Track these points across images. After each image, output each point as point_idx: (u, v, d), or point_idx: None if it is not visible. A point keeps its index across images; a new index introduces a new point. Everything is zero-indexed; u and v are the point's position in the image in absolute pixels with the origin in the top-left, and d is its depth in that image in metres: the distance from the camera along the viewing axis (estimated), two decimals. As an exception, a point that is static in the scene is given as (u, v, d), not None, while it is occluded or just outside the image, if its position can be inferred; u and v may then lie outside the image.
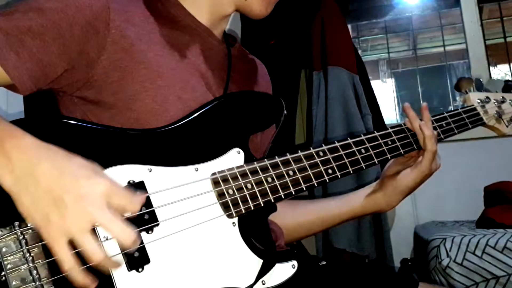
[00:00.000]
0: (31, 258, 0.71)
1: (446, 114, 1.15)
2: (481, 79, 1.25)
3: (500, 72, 3.71)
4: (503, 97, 1.25)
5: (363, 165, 1.01)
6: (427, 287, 1.06)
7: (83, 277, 0.68)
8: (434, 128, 1.10)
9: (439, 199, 2.64)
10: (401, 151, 1.06)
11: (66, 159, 0.71)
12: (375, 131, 1.05)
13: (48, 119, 0.80)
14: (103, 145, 0.82)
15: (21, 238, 0.71)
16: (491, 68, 3.03)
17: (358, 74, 2.46)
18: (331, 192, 2.27)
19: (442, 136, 1.12)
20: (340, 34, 2.50)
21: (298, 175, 0.93)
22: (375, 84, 4.02)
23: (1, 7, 0.86)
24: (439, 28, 3.61)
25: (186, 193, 0.84)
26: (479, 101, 1.22)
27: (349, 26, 2.92)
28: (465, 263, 1.97)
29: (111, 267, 0.73)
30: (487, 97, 1.23)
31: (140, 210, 0.78)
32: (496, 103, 1.24)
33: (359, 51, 3.05)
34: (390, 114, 3.68)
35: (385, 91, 4.10)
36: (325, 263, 1.08)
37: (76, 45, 0.85)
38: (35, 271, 0.71)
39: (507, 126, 1.24)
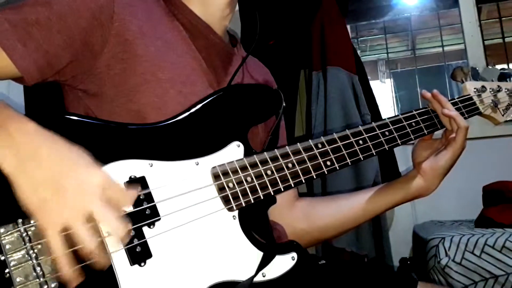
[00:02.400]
0: (34, 254, 0.71)
1: None
2: (477, 68, 1.25)
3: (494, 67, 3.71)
4: (498, 86, 1.25)
5: (361, 156, 1.01)
6: (426, 287, 1.06)
7: (70, 269, 0.69)
8: (431, 118, 1.13)
9: (438, 199, 2.62)
10: (398, 141, 1.07)
11: (67, 147, 0.73)
12: (372, 122, 1.06)
13: (48, 115, 0.81)
14: (104, 141, 0.82)
15: (24, 235, 0.71)
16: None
17: (357, 74, 2.47)
18: (330, 191, 2.28)
19: (439, 126, 1.13)
20: (339, 35, 2.50)
21: (297, 168, 0.93)
22: (374, 84, 4.02)
23: (1, 4, 0.87)
24: (437, 28, 3.62)
25: (187, 187, 0.84)
26: (475, 90, 1.21)
27: (348, 27, 2.92)
28: (463, 262, 1.97)
29: (101, 260, 0.72)
30: (483, 86, 1.23)
31: (142, 205, 0.79)
32: (492, 92, 1.23)
33: (358, 52, 3.05)
34: (389, 114, 3.68)
35: (384, 91, 4.10)
36: (324, 262, 1.09)
37: (81, 37, 0.87)
38: (39, 268, 0.71)
39: (503, 115, 1.24)
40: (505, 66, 3.38)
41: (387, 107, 3.76)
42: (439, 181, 1.12)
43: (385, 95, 3.87)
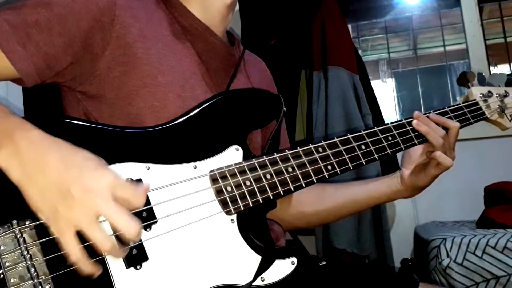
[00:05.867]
0: (29, 256, 0.71)
1: (447, 109, 1.14)
2: (483, 73, 1.23)
3: (501, 72, 3.70)
4: (505, 91, 1.23)
5: (363, 160, 1.00)
6: (427, 288, 1.06)
7: (90, 267, 0.70)
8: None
9: (439, 199, 2.64)
10: (402, 146, 1.06)
11: (72, 152, 0.72)
12: (375, 127, 1.04)
13: (46, 118, 0.80)
14: (101, 144, 0.82)
15: (19, 236, 0.71)
16: (491, 68, 3.03)
17: (358, 74, 2.46)
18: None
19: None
20: (340, 34, 2.50)
21: (297, 172, 0.93)
22: (375, 84, 4.00)
23: (1, 4, 0.86)
24: (439, 28, 3.61)
25: (184, 190, 0.84)
26: (481, 95, 1.20)
27: (349, 26, 2.92)
28: (465, 263, 1.97)
29: (119, 256, 0.74)
30: (490, 92, 1.21)
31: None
32: (498, 97, 1.22)
33: (359, 51, 3.04)
34: (390, 114, 3.67)
35: (385, 91, 4.08)
36: (325, 263, 1.08)
37: (82, 39, 0.87)
38: (33, 269, 0.71)
39: (510, 121, 1.22)
40: (507, 65, 3.37)
41: (389, 107, 3.76)
42: (417, 193, 1.14)
43: (387, 95, 3.86)
